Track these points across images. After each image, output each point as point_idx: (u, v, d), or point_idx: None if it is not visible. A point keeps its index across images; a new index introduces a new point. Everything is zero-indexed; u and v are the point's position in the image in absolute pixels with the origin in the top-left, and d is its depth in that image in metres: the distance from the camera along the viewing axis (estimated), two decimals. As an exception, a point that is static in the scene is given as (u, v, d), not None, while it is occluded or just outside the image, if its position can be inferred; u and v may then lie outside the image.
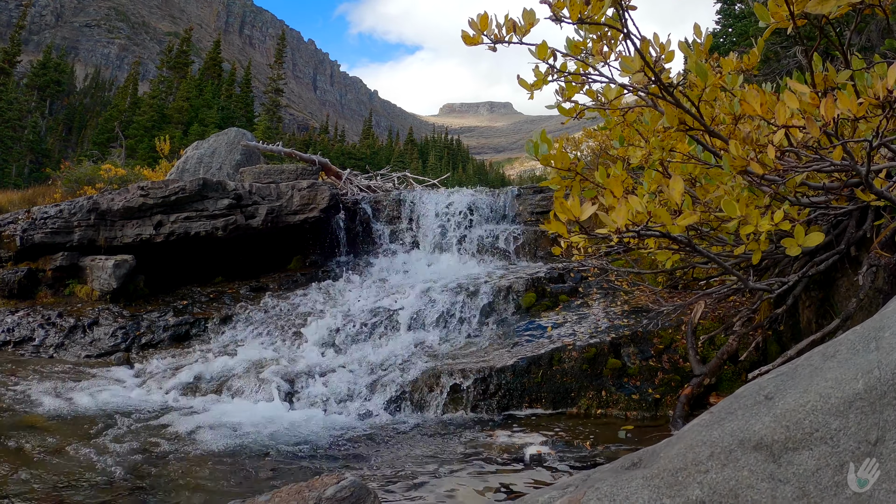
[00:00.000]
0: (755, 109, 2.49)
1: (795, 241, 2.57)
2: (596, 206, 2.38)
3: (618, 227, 2.36)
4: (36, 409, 5.88)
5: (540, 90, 3.06)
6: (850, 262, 4.44)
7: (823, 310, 4.87)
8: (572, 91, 3.11)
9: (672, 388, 5.93)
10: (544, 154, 3.38)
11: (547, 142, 3.42)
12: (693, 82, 3.04)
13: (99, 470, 4.48)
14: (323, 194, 11.34)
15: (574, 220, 2.37)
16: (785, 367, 2.10)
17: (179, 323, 8.92)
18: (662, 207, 2.41)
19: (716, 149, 3.30)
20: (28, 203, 15.31)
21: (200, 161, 17.40)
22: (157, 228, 10.30)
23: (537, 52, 2.89)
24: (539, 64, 2.94)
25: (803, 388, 1.89)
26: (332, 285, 9.92)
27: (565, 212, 2.38)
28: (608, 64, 3.13)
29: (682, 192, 2.44)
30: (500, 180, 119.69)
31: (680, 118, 3.05)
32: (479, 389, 6.13)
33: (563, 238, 2.50)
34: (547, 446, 4.87)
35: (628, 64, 2.78)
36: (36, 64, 57.23)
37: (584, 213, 2.37)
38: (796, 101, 2.40)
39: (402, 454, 4.97)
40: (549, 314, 7.68)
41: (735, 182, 3.02)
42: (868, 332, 1.99)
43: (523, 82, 3.15)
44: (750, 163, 2.60)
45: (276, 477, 4.52)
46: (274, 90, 58.19)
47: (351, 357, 7.18)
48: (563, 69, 2.96)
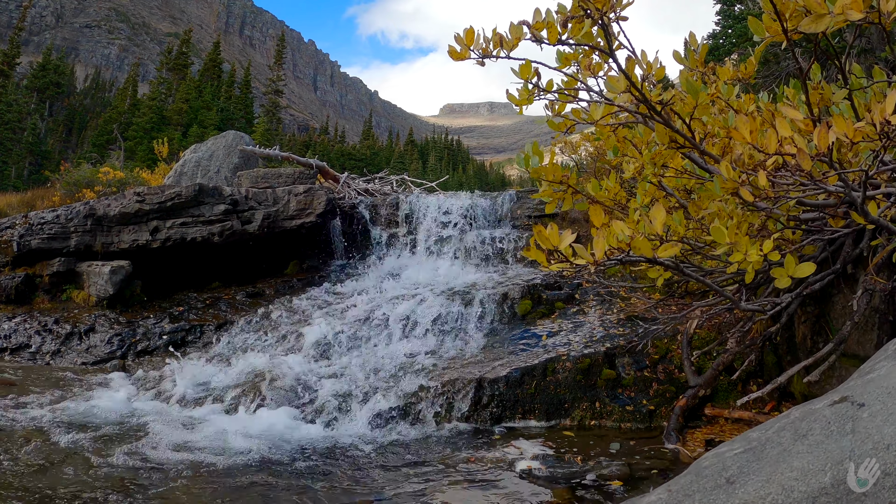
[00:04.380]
0: (745, 138, 2.46)
1: (786, 272, 2.53)
2: (574, 237, 2.35)
3: (595, 259, 2.34)
4: (26, 418, 5.84)
5: (527, 107, 3.04)
6: (846, 279, 4.41)
7: (819, 326, 4.84)
8: (562, 107, 3.09)
9: (667, 400, 5.90)
10: (535, 167, 3.36)
11: (539, 154, 3.39)
12: (683, 100, 3.01)
13: (88, 485, 4.45)
14: (319, 199, 11.33)
15: (554, 249, 2.35)
16: (755, 440, 1.95)
17: (175, 330, 8.90)
18: (644, 237, 2.38)
19: (708, 164, 3.28)
20: (27, 206, 15.30)
21: (198, 164, 17.39)
22: (153, 234, 10.28)
23: (520, 71, 2.87)
24: (525, 81, 2.92)
25: (767, 475, 1.74)
26: (329, 291, 9.89)
27: (544, 241, 2.36)
28: (598, 78, 3.10)
29: (663, 223, 2.42)
30: (500, 181, 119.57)
31: (671, 136, 3.02)
32: (472, 401, 6.09)
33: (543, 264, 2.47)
34: (538, 461, 4.84)
35: (613, 85, 2.76)
36: (36, 65, 57.20)
37: (563, 241, 2.35)
38: (788, 127, 2.37)
39: (391, 469, 4.93)
40: (544, 322, 7.65)
41: (728, 199, 3.00)
42: (846, 411, 1.84)
43: (512, 98, 3.13)
44: (740, 188, 2.57)
45: (268, 492, 4.50)
46: (274, 91, 58.15)
47: (345, 366, 7.14)
48: (549, 87, 2.93)
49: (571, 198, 3.39)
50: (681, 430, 5.30)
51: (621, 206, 3.71)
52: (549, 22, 2.64)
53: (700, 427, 5.47)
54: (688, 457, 4.73)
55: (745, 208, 2.95)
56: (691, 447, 4.95)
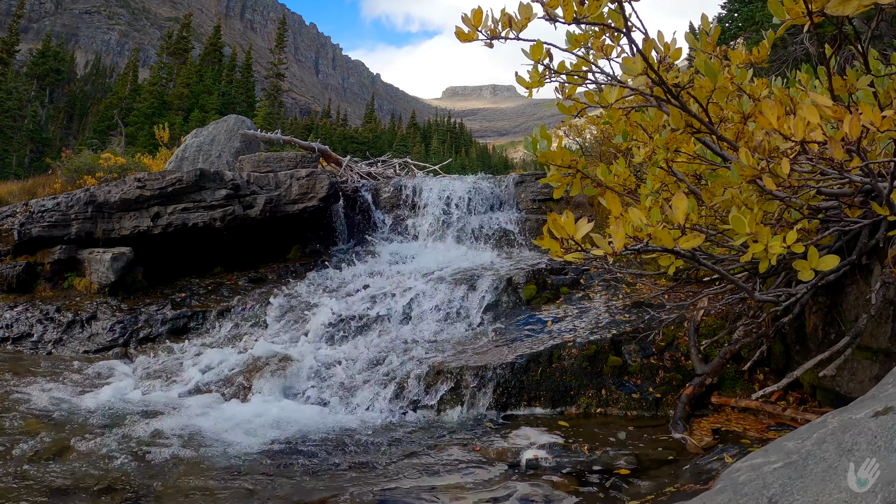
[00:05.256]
0: (771, 123, 2.34)
1: (808, 265, 2.42)
2: (591, 225, 2.24)
3: (614, 250, 2.24)
4: (30, 410, 5.79)
5: (537, 90, 2.92)
6: (861, 270, 4.29)
7: (831, 317, 4.73)
8: (573, 89, 2.97)
9: (673, 388, 5.81)
10: (543, 151, 3.24)
11: (547, 138, 3.28)
12: (701, 84, 2.88)
13: (92, 477, 4.40)
14: (322, 183, 11.22)
15: (569, 238, 2.24)
16: (794, 452, 1.79)
17: (177, 316, 8.84)
18: (664, 226, 2.27)
19: (723, 149, 3.16)
20: (28, 194, 15.22)
21: (200, 149, 17.27)
22: (154, 220, 10.20)
23: (531, 52, 2.74)
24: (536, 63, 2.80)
25: (814, 495, 1.59)
26: (332, 276, 9.82)
27: (559, 230, 2.25)
28: (610, 60, 2.98)
29: (685, 212, 2.31)
30: (503, 164, 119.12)
31: (687, 121, 2.90)
32: (477, 388, 6.02)
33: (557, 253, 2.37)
34: (544, 450, 4.76)
35: (630, 66, 2.63)
36: (35, 53, 56.89)
37: (579, 231, 2.24)
38: (816, 114, 2.26)
39: (394, 457, 4.87)
40: (549, 307, 7.56)
41: (743, 186, 2.88)
42: (892, 422, 1.69)
43: (522, 80, 3.01)
44: (762, 175, 2.46)
45: (273, 479, 4.45)
46: (275, 74, 57.85)
47: (348, 352, 7.08)
48: (561, 69, 2.81)
49: (580, 183, 3.28)
50: (687, 419, 5.21)
51: (631, 192, 3.60)
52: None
53: (707, 415, 5.39)
54: (695, 446, 4.65)
55: (763, 196, 2.84)
56: (698, 436, 4.87)
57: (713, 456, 4.27)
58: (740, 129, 3.09)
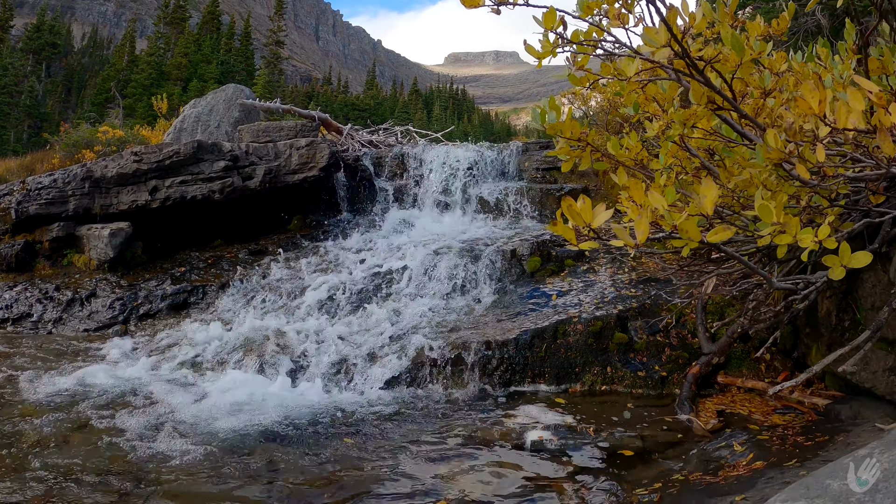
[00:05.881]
0: (811, 108, 2.16)
1: (839, 261, 2.24)
2: (611, 213, 2.07)
3: (637, 243, 2.06)
4: (28, 394, 5.71)
5: (548, 60, 2.73)
6: (881, 257, 4.14)
7: (846, 303, 4.58)
8: (585, 59, 2.78)
9: (679, 366, 5.67)
10: (552, 123, 3.04)
11: (556, 109, 3.07)
12: (726, 56, 2.68)
13: (92, 462, 4.32)
14: (322, 152, 11.01)
15: (586, 226, 2.07)
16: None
17: (177, 291, 8.73)
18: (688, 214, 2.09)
19: (744, 127, 2.96)
20: (27, 170, 15.08)
21: (198, 119, 17.02)
22: (152, 194, 10.04)
23: (544, 20, 2.53)
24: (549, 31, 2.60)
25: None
26: (333, 247, 9.68)
27: (574, 216, 2.08)
28: (627, 29, 2.78)
29: (714, 201, 2.12)
30: (506, 131, 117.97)
31: (709, 96, 2.70)
32: (481, 364, 5.92)
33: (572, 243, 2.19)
34: (549, 431, 4.66)
35: (652, 37, 2.41)
36: (30, 27, 56.15)
37: (597, 219, 2.06)
38: (861, 100, 2.08)
39: (397, 438, 4.78)
40: (554, 280, 7.41)
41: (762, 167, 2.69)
42: None
43: (531, 49, 2.80)
44: (794, 162, 2.28)
45: (279, 461, 4.36)
46: (275, 42, 57.07)
47: (350, 327, 6.97)
48: (575, 38, 2.61)
49: (590, 156, 3.09)
50: (693, 399, 5.11)
51: (642, 166, 3.42)
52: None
53: (712, 395, 5.28)
54: (701, 429, 4.55)
55: (787, 180, 2.65)
56: (704, 418, 4.76)
57: (720, 441, 4.16)
58: (760, 105, 2.90)
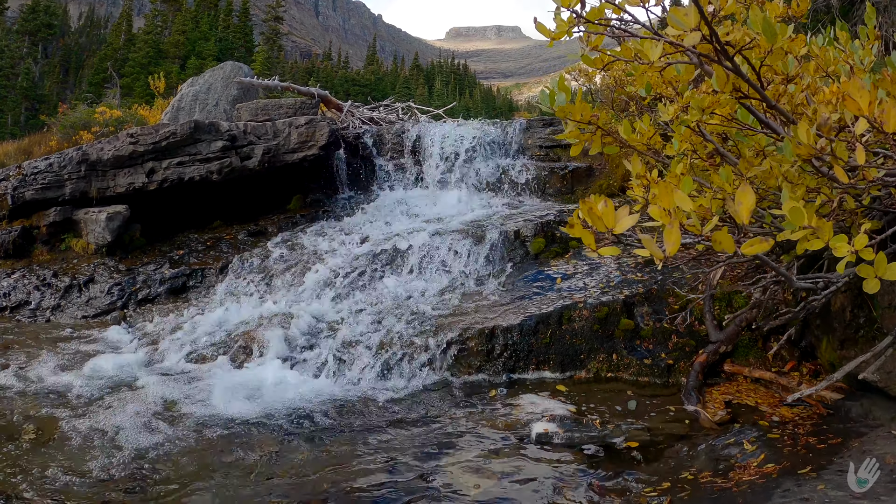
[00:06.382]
0: (861, 109, 1.98)
1: (874, 272, 2.04)
2: (635, 218, 1.89)
3: (666, 255, 1.89)
4: (26, 387, 5.61)
5: (562, 41, 2.54)
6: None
7: (861, 299, 4.41)
8: (599, 39, 2.58)
9: (686, 354, 5.52)
10: (561, 106, 2.85)
11: (566, 90, 2.87)
12: (757, 44, 2.47)
13: (90, 460, 4.23)
14: (322, 130, 10.81)
15: (608, 231, 1.90)
16: None
17: (176, 275, 8.61)
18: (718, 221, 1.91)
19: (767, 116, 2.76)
20: (24, 153, 14.90)
21: (196, 98, 16.78)
22: (149, 176, 9.88)
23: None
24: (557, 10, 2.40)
25: None
26: (333, 227, 9.54)
27: (595, 220, 1.90)
28: (647, 8, 2.57)
29: (750, 209, 1.92)
30: (507, 106, 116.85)
31: (735, 84, 2.50)
32: (485, 350, 5.79)
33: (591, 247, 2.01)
34: (555, 423, 4.52)
35: (681, 19, 2.19)
36: (26, 8, 55.46)
37: (621, 224, 1.88)
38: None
39: (398, 429, 4.67)
40: (558, 262, 7.24)
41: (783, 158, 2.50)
42: None
43: (542, 28, 2.60)
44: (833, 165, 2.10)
45: (275, 452, 4.26)
46: (274, 18, 56.33)
47: (350, 311, 6.84)
48: (593, 17, 2.41)
49: (600, 140, 2.90)
50: (700, 389, 4.97)
51: (655, 152, 3.23)
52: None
53: (719, 384, 5.14)
54: (709, 421, 4.42)
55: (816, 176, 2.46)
56: (711, 409, 4.63)
57: (729, 437, 4.03)
58: (781, 92, 2.72)
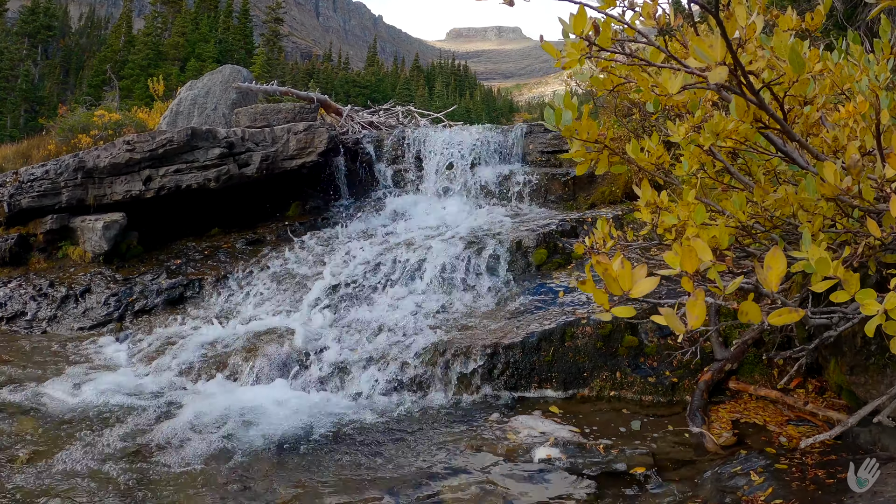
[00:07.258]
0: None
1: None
2: (656, 282, 1.72)
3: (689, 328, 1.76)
4: (20, 404, 5.51)
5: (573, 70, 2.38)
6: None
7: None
8: (609, 58, 2.42)
9: (691, 371, 5.41)
10: (567, 125, 2.72)
11: (571, 107, 2.74)
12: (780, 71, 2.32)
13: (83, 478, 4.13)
14: (321, 137, 10.72)
15: (623, 294, 1.75)
16: None
17: (173, 286, 8.51)
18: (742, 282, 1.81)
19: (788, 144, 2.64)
20: (23, 157, 14.85)
21: (194, 102, 16.68)
22: (146, 183, 9.79)
23: (573, 25, 2.12)
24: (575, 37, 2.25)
25: None
26: (332, 235, 9.45)
27: (611, 283, 1.75)
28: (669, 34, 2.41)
29: (780, 275, 1.78)
30: (508, 107, 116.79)
31: (756, 115, 2.35)
32: (486, 369, 5.68)
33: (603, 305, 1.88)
34: (557, 448, 4.42)
35: (705, 52, 1.93)
36: (25, 10, 55.38)
37: (638, 287, 1.73)
38: None
39: (393, 453, 4.56)
40: (560, 274, 7.13)
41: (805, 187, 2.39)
42: None
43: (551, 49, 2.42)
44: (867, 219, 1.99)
45: (270, 470, 4.17)
46: (274, 19, 56.28)
47: (348, 326, 6.72)
48: (605, 43, 2.18)
49: (607, 159, 2.79)
50: (705, 408, 4.87)
51: (664, 172, 3.13)
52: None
53: (724, 403, 5.04)
54: (714, 444, 4.32)
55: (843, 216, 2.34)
56: (717, 430, 4.54)
57: (736, 465, 3.93)
58: (797, 113, 2.60)
